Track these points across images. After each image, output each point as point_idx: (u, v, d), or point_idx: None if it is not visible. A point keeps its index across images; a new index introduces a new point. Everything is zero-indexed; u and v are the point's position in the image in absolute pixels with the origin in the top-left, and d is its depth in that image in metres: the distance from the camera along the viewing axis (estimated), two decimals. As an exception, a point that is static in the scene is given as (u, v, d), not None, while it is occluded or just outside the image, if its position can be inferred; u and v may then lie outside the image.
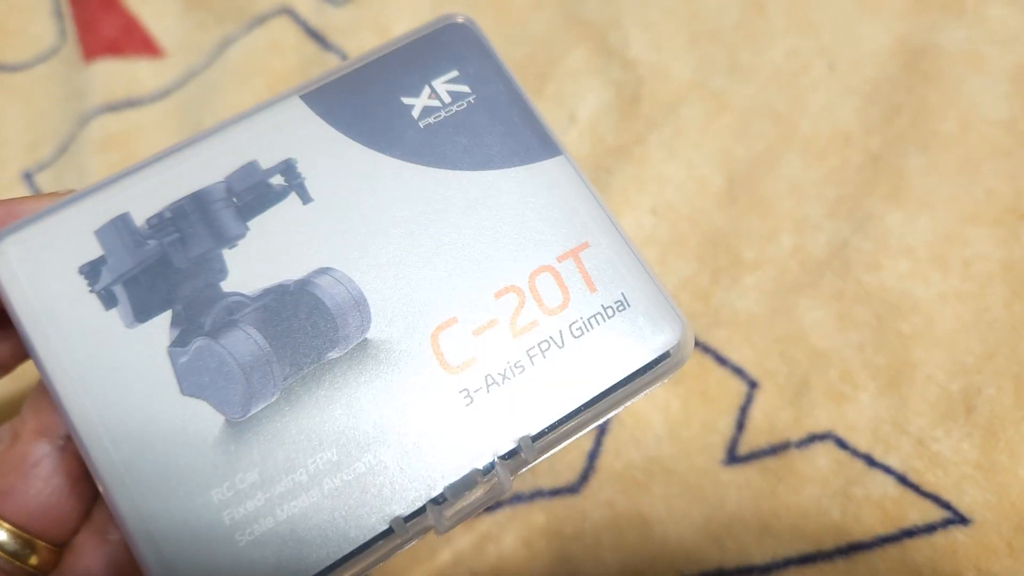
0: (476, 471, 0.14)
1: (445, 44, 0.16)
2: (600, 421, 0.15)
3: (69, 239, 0.14)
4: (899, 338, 0.27)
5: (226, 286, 0.14)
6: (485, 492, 0.14)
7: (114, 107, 0.32)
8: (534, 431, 0.14)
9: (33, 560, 0.16)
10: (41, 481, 0.16)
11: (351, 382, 0.14)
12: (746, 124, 0.31)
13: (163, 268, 0.14)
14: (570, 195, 0.16)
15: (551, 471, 0.26)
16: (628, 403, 0.15)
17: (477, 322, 0.15)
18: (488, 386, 0.14)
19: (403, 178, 0.15)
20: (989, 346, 0.27)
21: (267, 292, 0.14)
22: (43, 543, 0.17)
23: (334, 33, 0.33)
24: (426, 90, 0.16)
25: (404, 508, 0.14)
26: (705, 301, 0.28)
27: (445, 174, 0.15)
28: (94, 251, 0.14)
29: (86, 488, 0.17)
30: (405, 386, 0.14)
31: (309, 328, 0.14)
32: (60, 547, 0.17)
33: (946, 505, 0.25)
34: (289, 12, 0.34)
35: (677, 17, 0.33)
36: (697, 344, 0.27)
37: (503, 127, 0.16)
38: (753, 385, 0.27)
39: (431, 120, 0.16)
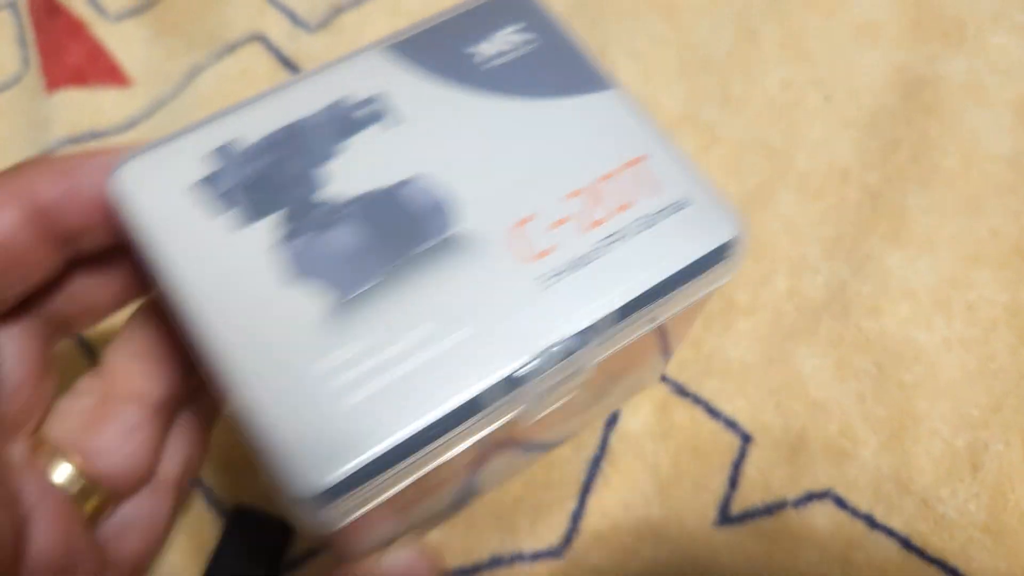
0: (551, 347, 0.16)
1: (509, 5, 0.19)
2: (662, 318, 0.17)
3: (181, 162, 0.17)
4: (901, 388, 0.25)
5: (323, 195, 0.17)
6: (565, 374, 0.16)
7: (77, 139, 0.31)
8: (607, 311, 0.16)
9: (92, 502, 0.18)
10: (129, 445, 0.18)
11: (441, 270, 0.16)
12: (739, 158, 0.29)
13: (265, 183, 0.17)
14: (630, 117, 0.18)
15: (532, 532, 0.24)
16: (688, 302, 0.17)
17: (552, 218, 0.17)
18: (562, 274, 0.16)
19: (480, 104, 0.18)
20: (995, 397, 0.25)
21: (361, 197, 0.17)
22: (103, 495, 0.18)
23: (308, 61, 0.32)
24: (498, 35, 0.19)
25: (493, 378, 0.15)
26: (696, 348, 0.26)
27: (519, 102, 0.18)
28: (204, 171, 0.17)
29: (158, 456, 0.19)
30: (489, 271, 0.16)
31: (402, 226, 0.16)
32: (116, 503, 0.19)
33: (952, 571, 0.23)
34: (261, 39, 0.32)
35: (666, 46, 0.31)
36: (688, 395, 0.26)
37: (568, 66, 0.19)
38: (747, 439, 0.25)
39: (502, 60, 0.18)
